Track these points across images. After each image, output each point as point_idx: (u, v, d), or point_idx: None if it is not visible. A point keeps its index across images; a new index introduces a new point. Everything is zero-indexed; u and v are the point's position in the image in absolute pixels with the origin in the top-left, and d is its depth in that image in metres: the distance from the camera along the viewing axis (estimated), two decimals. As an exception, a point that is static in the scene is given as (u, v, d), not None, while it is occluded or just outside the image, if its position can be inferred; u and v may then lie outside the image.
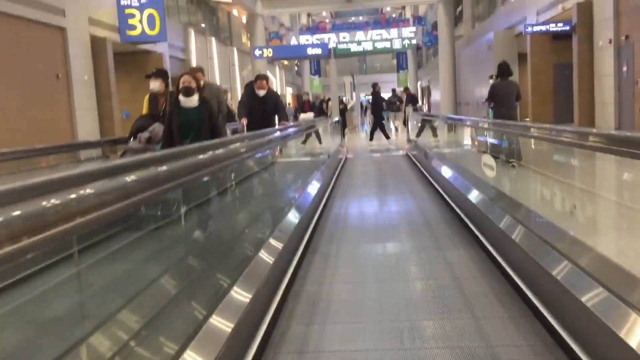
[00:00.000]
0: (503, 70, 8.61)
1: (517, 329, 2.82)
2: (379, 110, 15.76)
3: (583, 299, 2.36)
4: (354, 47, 22.66)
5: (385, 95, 20.85)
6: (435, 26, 25.64)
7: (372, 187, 8.31)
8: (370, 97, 17.18)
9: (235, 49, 24.87)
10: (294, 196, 5.82)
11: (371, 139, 15.94)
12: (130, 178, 1.73)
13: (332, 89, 21.16)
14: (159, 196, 1.99)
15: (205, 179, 2.82)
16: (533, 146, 5.18)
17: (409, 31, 26.26)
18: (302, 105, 17.11)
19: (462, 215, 5.21)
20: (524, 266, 3.24)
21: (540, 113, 15.38)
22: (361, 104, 45.24)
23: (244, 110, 7.69)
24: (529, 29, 14.82)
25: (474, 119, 8.01)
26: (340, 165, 10.09)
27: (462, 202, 5.42)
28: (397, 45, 22.69)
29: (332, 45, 21.66)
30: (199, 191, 3.27)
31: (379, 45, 22.70)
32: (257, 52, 20.77)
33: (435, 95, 30.53)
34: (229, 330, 2.36)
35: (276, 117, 7.86)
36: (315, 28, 27.57)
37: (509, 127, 5.82)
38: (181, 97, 5.18)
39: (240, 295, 2.74)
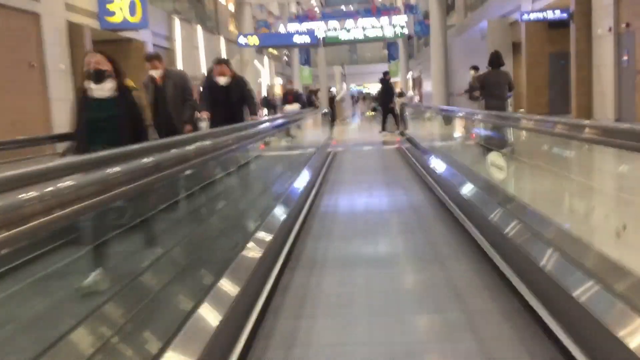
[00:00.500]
0: (493, 60, 8.46)
1: None
2: (390, 101, 15.24)
3: None
4: (343, 35, 21.40)
5: (373, 87, 20.48)
6: (426, 15, 25.10)
7: (363, 184, 7.74)
8: (378, 86, 16.51)
9: (222, 38, 24.21)
10: (276, 194, 5.33)
11: (383, 129, 15.77)
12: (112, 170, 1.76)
13: (321, 79, 20.20)
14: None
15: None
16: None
17: (400, 20, 25.71)
18: (286, 96, 15.91)
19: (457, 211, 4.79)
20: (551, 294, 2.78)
21: (536, 104, 14.97)
22: (352, 95, 44.66)
23: (204, 102, 6.73)
24: (525, 16, 14.37)
25: (470, 111, 7.55)
26: (329, 159, 9.61)
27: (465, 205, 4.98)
28: (388, 33, 21.58)
29: (321, 34, 20.67)
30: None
31: (370, 33, 21.53)
32: (242, 40, 20.03)
33: (427, 86, 30.06)
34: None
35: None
36: (304, 17, 26.93)
37: (504, 119, 5.42)
38: (90, 85, 3.96)
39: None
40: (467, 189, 4.89)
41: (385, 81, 15.35)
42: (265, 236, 3.69)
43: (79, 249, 2.59)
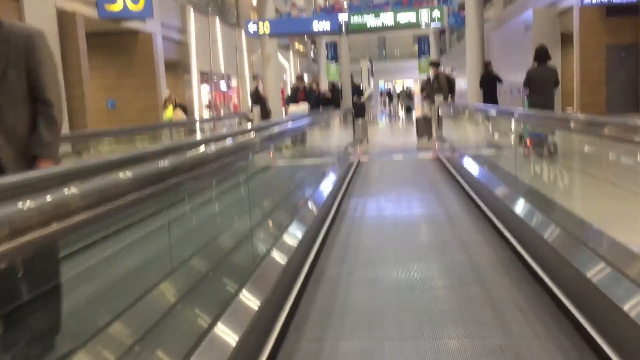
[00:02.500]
0: (540, 55, 8.27)
1: None
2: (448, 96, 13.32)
3: None
4: (371, 22, 17.83)
5: (404, 84, 18.17)
6: (462, 6, 23.30)
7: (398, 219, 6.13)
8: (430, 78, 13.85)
9: (243, 32, 22.80)
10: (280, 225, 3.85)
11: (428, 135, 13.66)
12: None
13: (344, 73, 17.80)
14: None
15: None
16: None
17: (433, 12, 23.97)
18: (294, 93, 13.31)
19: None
20: None
21: (589, 104, 13.13)
22: (381, 92, 42.81)
23: None
24: (587, 0, 12.45)
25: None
26: (351, 174, 7.84)
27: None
28: (424, 18, 18.60)
29: (344, 19, 17.52)
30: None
31: (402, 18, 18.11)
32: (252, 28, 17.78)
33: (460, 84, 28.22)
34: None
35: None
36: (330, 9, 25.40)
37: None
38: None
39: None
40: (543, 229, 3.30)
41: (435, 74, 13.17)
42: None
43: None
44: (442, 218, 5.31)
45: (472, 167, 6.46)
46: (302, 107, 11.81)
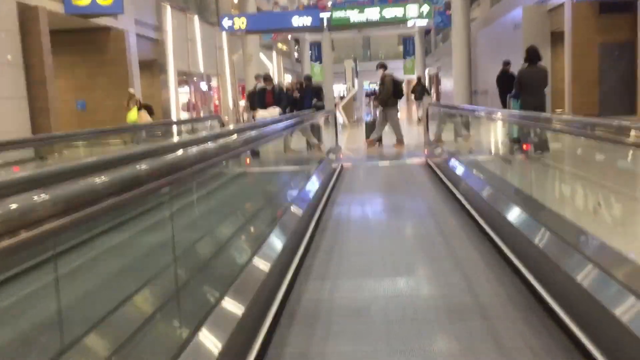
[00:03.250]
0: (531, 55, 8.13)
1: None
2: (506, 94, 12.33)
3: None
4: (354, 17, 16.69)
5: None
6: (448, 5, 22.86)
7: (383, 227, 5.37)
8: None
9: (224, 32, 22.10)
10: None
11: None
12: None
13: (326, 72, 16.53)
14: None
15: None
16: None
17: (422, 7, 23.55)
18: (262, 96, 10.82)
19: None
20: None
21: (582, 104, 12.66)
22: (367, 92, 42.22)
23: None
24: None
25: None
26: (334, 179, 7.16)
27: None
28: (412, 12, 17.53)
29: (327, 15, 16.54)
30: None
31: (388, 13, 17.01)
32: (226, 23, 16.60)
33: (446, 84, 27.79)
34: None
35: None
36: (313, 7, 24.78)
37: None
38: None
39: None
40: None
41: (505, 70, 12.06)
42: None
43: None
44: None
45: (465, 174, 5.90)
46: (273, 112, 9.62)
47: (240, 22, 16.10)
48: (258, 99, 10.74)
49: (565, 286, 2.57)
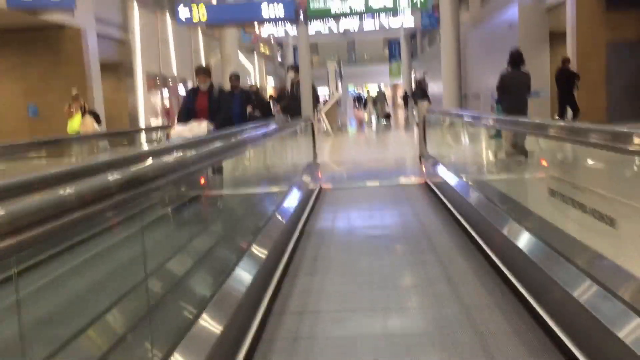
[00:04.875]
0: (515, 59, 8.14)
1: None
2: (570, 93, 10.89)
3: None
4: (335, 6, 14.39)
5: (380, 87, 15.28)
6: (436, 7, 21.80)
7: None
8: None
9: (199, 31, 20.82)
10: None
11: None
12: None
13: (303, 75, 13.96)
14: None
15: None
16: None
17: (405, 12, 22.47)
18: (188, 101, 6.82)
19: None
20: None
21: (588, 108, 11.55)
22: (353, 97, 40.87)
23: None
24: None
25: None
26: (307, 213, 5.60)
27: None
28: (403, 2, 15.46)
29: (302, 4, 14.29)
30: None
31: (376, 3, 14.73)
32: (183, 14, 14.11)
33: (433, 88, 26.73)
34: None
35: None
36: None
37: None
38: None
39: None
40: None
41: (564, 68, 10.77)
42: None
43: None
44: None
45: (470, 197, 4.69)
46: (198, 129, 5.98)
47: (200, 13, 13.95)
48: (183, 106, 6.78)
49: None
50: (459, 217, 4.87)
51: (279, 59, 40.91)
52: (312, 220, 5.61)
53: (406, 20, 24.19)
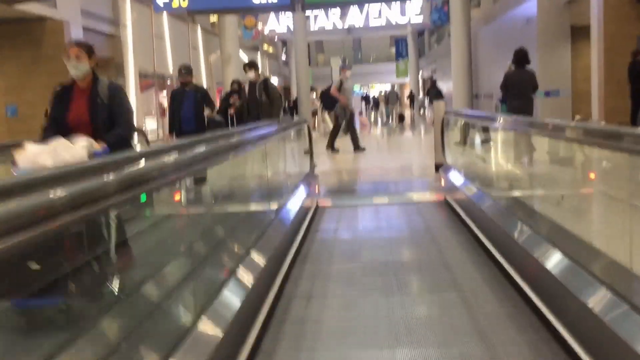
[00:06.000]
0: (521, 58, 8.02)
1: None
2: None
3: None
4: None
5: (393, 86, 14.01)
6: (446, 1, 20.85)
7: None
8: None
9: (199, 28, 19.96)
10: None
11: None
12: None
13: (296, 72, 11.70)
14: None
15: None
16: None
17: (414, 7, 21.66)
18: (56, 112, 3.94)
19: None
20: None
21: (615, 108, 10.58)
22: (362, 97, 39.63)
23: None
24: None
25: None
26: (300, 236, 4.60)
27: None
28: None
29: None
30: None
31: None
32: (161, 0, 12.55)
33: (442, 87, 25.75)
34: None
35: None
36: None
37: None
38: None
39: None
40: None
41: None
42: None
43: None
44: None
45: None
46: (67, 152, 3.20)
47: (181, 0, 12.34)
48: (50, 114, 4.08)
49: None
50: (496, 254, 3.83)
51: (283, 58, 40.06)
52: (300, 266, 4.15)
53: (414, 16, 23.26)
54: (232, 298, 2.56)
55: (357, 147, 12.56)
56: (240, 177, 4.46)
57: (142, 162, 2.01)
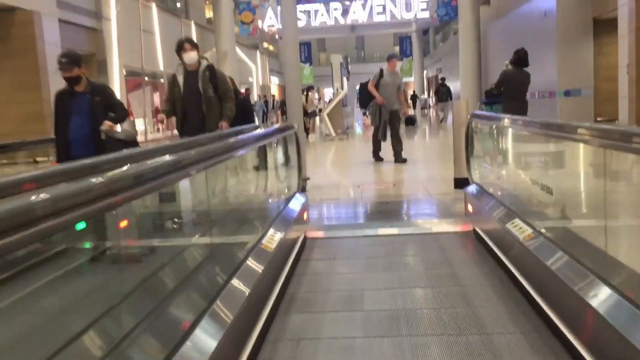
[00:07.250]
0: (522, 59, 7.75)
1: None
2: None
3: None
4: None
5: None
6: (454, -5, 19.79)
7: None
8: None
9: (192, 24, 18.93)
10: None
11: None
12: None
13: (287, 69, 9.75)
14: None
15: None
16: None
17: (419, 2, 20.65)
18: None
19: None
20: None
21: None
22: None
23: None
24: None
25: None
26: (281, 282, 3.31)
27: None
28: None
29: None
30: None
31: None
32: None
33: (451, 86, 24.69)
34: None
35: None
36: (299, -4, 21.58)
37: None
38: None
39: None
40: None
41: None
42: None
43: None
44: None
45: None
46: None
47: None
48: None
49: None
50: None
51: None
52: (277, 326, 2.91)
53: (420, 11, 22.19)
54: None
55: (398, 158, 10.15)
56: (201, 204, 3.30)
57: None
